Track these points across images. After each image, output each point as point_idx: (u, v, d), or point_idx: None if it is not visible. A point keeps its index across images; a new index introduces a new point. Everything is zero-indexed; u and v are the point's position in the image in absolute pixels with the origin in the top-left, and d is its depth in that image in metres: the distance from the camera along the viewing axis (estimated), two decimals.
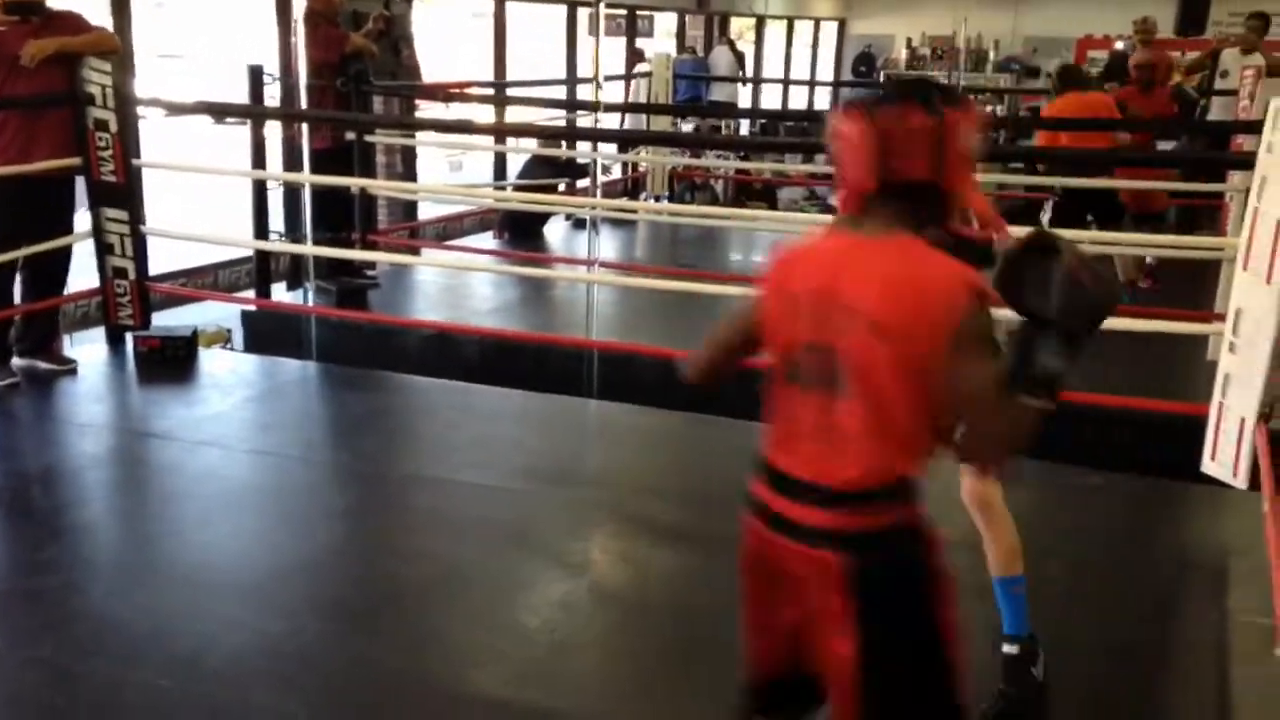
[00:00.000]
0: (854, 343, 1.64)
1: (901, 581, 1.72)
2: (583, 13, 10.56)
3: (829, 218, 6.77)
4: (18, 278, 4.65)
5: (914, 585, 1.72)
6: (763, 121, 12.36)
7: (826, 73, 17.16)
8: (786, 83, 14.96)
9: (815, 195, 10.32)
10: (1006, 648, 2.61)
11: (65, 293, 4.90)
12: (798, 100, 14.82)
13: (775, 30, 16.06)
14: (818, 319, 1.68)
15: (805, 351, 1.70)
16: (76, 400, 4.61)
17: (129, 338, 5.00)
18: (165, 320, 5.44)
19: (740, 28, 15.11)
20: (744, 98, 13.13)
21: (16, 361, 4.64)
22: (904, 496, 1.71)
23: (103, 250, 4.99)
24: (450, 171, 10.80)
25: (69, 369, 4.74)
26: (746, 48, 14.56)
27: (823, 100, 14.07)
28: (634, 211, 8.57)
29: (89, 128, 4.73)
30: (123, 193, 4.92)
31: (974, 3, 12.26)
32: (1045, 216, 6.29)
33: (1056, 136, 6.48)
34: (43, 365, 4.69)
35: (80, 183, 4.88)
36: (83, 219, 5.05)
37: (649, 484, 4.01)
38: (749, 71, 13.62)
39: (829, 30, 17.40)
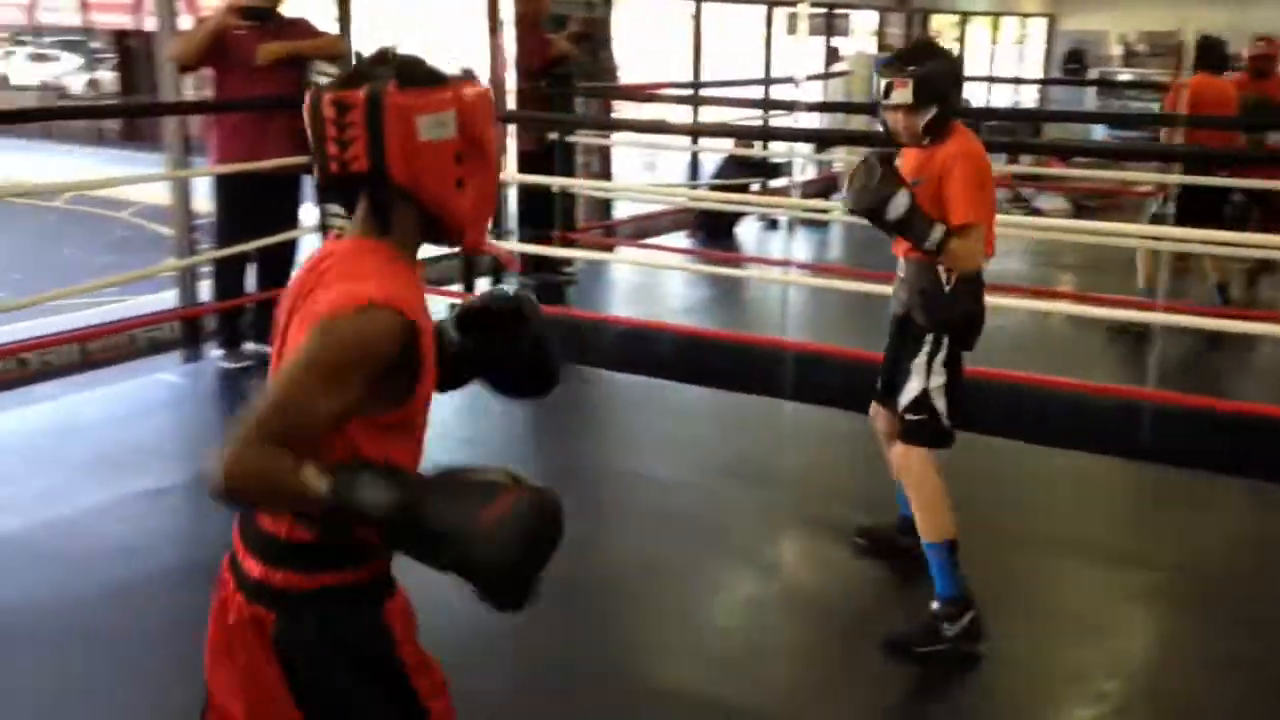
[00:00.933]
0: (275, 352, 1.47)
1: (334, 655, 1.46)
2: (779, 12, 10.52)
3: (1036, 220, 6.57)
4: (250, 269, 4.98)
5: (353, 662, 1.47)
6: (965, 121, 12.01)
7: (1033, 71, 16.53)
8: (990, 81, 14.50)
9: (1020, 197, 9.97)
10: (932, 604, 2.77)
11: None
12: (1002, 100, 14.35)
13: (979, 27, 15.59)
14: (280, 328, 1.49)
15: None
16: None
17: None
18: None
19: (941, 25, 14.75)
20: None
21: (248, 346, 4.97)
22: (349, 554, 1.44)
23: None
24: (646, 171, 10.94)
25: None
26: (949, 46, 14.20)
27: (1029, 99, 13.57)
28: (828, 212, 8.48)
29: None
30: None
31: None
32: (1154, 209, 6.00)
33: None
34: None
35: (306, 180, 5.18)
36: (307, 214, 5.35)
37: (842, 488, 3.97)
38: None
39: (1037, 27, 16.77)
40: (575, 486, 3.96)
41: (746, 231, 8.90)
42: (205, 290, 5.15)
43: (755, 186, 8.74)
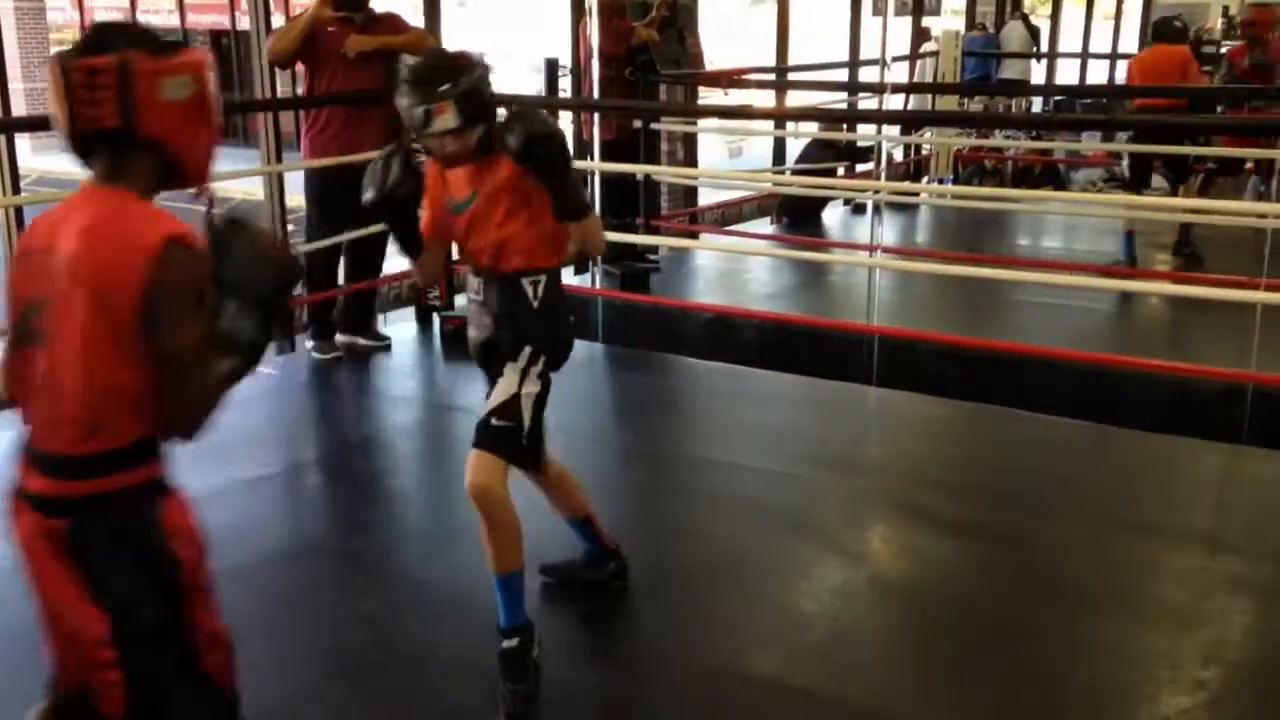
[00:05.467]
0: (59, 295, 1.61)
1: (130, 549, 1.66)
2: None
3: (1128, 197, 6.42)
4: (341, 261, 5.09)
5: (145, 553, 1.67)
6: (1057, 99, 11.75)
7: (1130, 46, 16.06)
8: (1085, 57, 14.13)
9: (1114, 176, 9.71)
10: (505, 643, 2.52)
11: (381, 276, 5.32)
12: (1097, 76, 13.98)
13: (1073, 2, 15.20)
14: (39, 275, 1.64)
15: (30, 309, 1.66)
16: (390, 375, 5.01)
17: (436, 317, 5.37)
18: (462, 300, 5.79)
19: (1033, 2, 14.41)
20: (1037, 74, 12.52)
21: (339, 338, 5.09)
22: (135, 458, 1.66)
23: None
24: (730, 157, 10.90)
25: (384, 345, 5.15)
26: (1042, 22, 13.87)
27: (1124, 76, 13.17)
28: (916, 195, 8.37)
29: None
30: None
31: None
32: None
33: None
34: (361, 341, 5.12)
35: None
36: None
37: (930, 474, 3.93)
38: (1043, 47, 12.96)
39: (1133, 1, 16.29)
40: (661, 473, 3.99)
41: (832, 216, 8.83)
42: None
43: (840, 170, 8.66)
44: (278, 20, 5.89)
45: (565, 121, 6.93)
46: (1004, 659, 2.76)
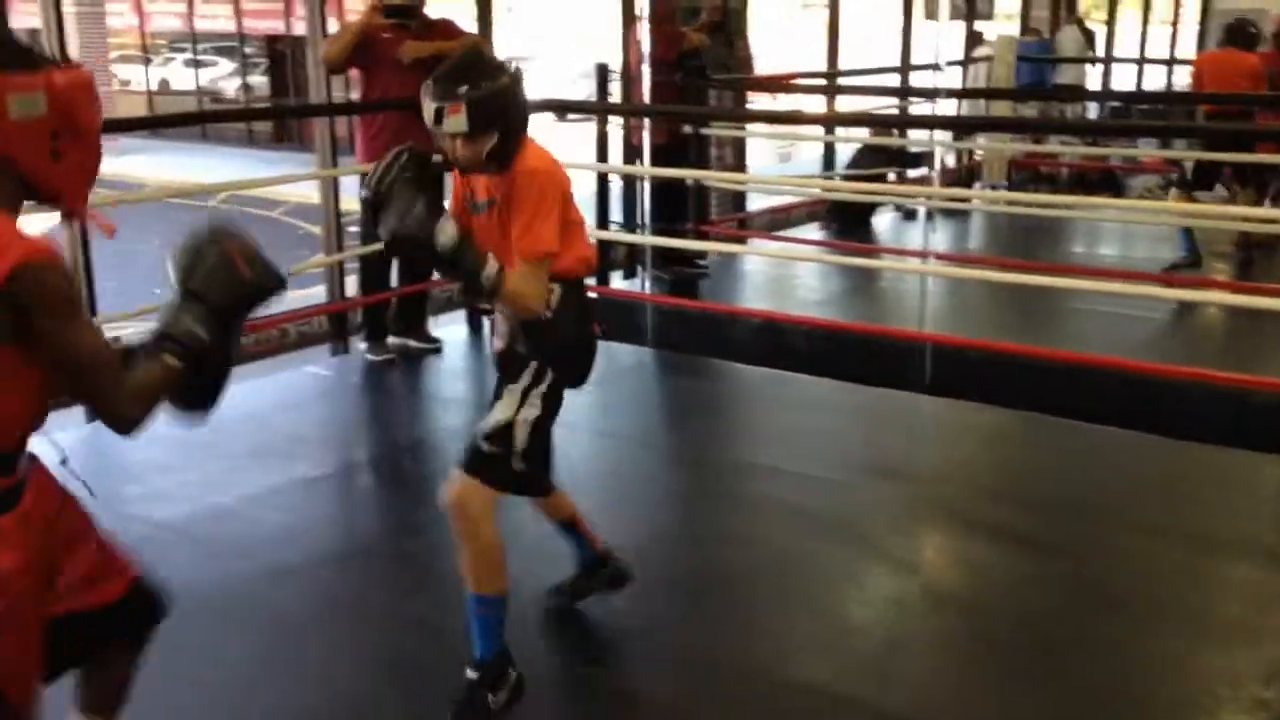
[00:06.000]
0: None
1: None
2: None
3: (1187, 205, 6.31)
4: (394, 265, 5.14)
5: None
6: (1114, 105, 11.59)
7: (1188, 50, 15.81)
8: (1141, 62, 13.92)
9: (1172, 182, 9.56)
10: (468, 672, 2.43)
11: (433, 278, 5.36)
12: (1154, 81, 13.77)
13: (1129, 6, 14.99)
14: None
15: None
16: (441, 377, 5.05)
17: (486, 321, 5.40)
18: None
19: (1087, 6, 14.23)
20: (1093, 79, 12.35)
21: (391, 340, 5.13)
22: None
23: None
24: (779, 163, 10.87)
25: (435, 348, 5.19)
26: (1097, 26, 13.69)
27: (1183, 80, 12.96)
28: (969, 200, 8.30)
29: None
30: None
31: None
32: None
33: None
34: (413, 344, 5.16)
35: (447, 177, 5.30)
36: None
37: (983, 484, 3.89)
38: (1099, 51, 12.79)
39: (1191, 5, 16.03)
40: (709, 478, 3.98)
41: (882, 222, 8.77)
42: (352, 286, 5.34)
43: (891, 176, 8.60)
44: (334, 26, 5.95)
45: (615, 126, 6.95)
46: (1057, 672, 2.72)
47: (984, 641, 2.90)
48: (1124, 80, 13.97)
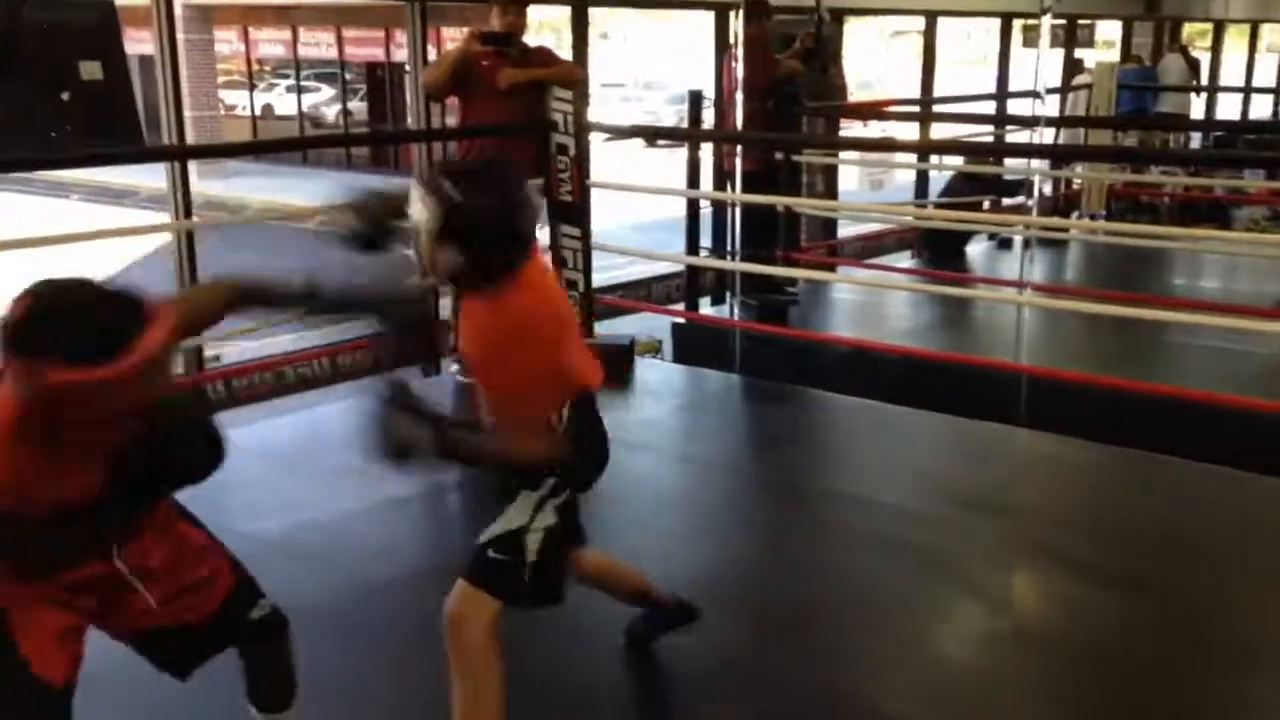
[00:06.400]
0: None
1: None
2: (1016, 23, 10.19)
3: None
4: None
5: None
6: (1218, 134, 11.29)
7: None
8: (1248, 91, 13.56)
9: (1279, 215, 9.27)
10: None
11: None
12: (1261, 110, 13.40)
13: (1235, 35, 14.61)
14: None
15: None
16: None
17: None
18: (602, 329, 5.85)
19: (1191, 34, 13.90)
20: (1197, 108, 12.06)
21: None
22: None
23: (558, 263, 5.46)
24: (871, 190, 10.80)
25: None
26: (1202, 55, 13.38)
27: None
28: (1067, 230, 8.13)
29: (552, 152, 5.20)
30: (577, 211, 5.35)
31: None
32: None
33: None
34: None
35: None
36: (540, 235, 5.54)
37: (1079, 520, 3.79)
38: (1204, 80, 12.49)
39: None
40: (796, 506, 3.95)
41: (975, 251, 8.63)
42: (445, 308, 5.41)
43: (986, 204, 8.47)
44: (433, 54, 6.08)
45: (706, 152, 6.97)
46: (1151, 715, 2.64)
47: (1076, 683, 2.82)
48: (1229, 110, 13.62)
